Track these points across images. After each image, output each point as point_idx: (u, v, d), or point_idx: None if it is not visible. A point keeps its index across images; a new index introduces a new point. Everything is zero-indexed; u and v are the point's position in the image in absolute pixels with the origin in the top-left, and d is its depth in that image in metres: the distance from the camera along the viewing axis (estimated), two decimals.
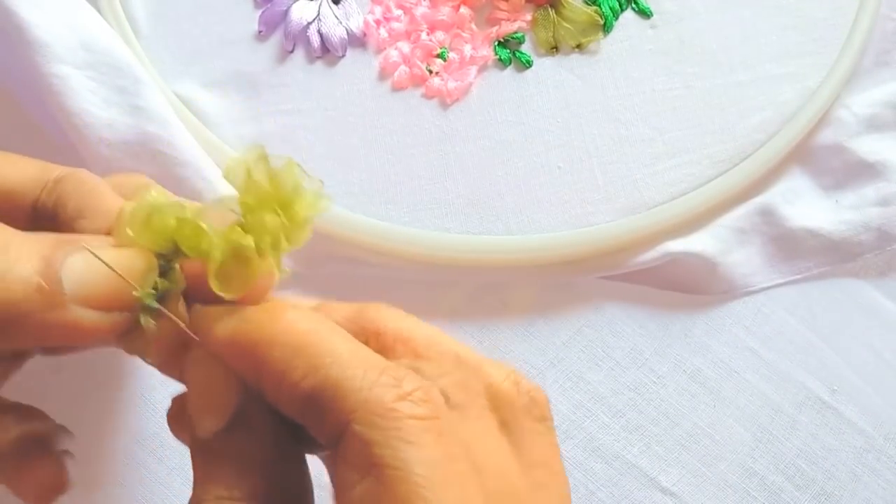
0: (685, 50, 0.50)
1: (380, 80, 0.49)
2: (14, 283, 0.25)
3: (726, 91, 0.49)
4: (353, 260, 0.46)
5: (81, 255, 0.26)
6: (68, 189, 0.30)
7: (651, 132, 0.48)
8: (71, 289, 0.26)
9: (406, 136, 0.48)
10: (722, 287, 0.47)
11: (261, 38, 0.50)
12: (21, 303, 0.25)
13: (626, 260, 0.46)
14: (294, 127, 0.48)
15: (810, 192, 0.48)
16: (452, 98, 0.49)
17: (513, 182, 0.47)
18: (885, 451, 0.44)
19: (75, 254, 0.26)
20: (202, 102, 0.48)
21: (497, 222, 0.47)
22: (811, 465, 0.44)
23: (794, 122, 0.48)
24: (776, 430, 0.44)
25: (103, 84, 0.44)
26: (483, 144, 0.48)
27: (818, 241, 0.47)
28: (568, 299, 0.46)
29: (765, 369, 0.45)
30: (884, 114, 0.49)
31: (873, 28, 0.50)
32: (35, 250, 0.26)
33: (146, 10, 0.50)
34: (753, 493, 0.43)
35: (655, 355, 0.45)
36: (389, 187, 0.47)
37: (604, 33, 0.50)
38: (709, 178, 0.47)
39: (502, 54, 0.50)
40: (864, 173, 0.48)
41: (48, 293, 0.25)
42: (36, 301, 0.25)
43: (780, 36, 0.50)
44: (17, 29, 0.43)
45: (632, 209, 0.47)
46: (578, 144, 0.48)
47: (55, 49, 0.43)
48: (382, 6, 0.51)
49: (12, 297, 0.25)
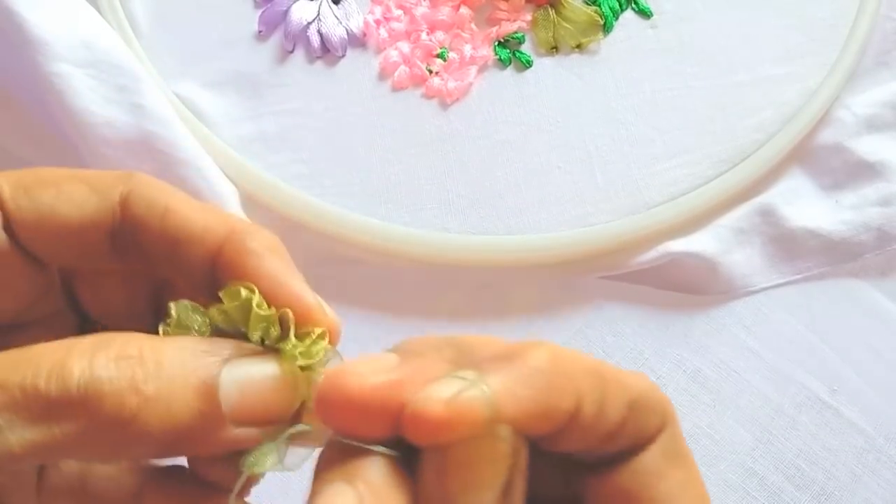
0: (685, 50, 0.50)
1: (380, 80, 0.49)
2: (177, 408, 0.25)
3: (726, 91, 0.49)
4: (354, 260, 0.46)
5: (233, 370, 0.26)
6: (141, 211, 0.29)
7: (651, 132, 0.48)
8: (230, 411, 0.26)
9: (406, 136, 0.48)
10: (722, 287, 0.47)
11: (261, 38, 0.50)
12: (185, 428, 0.25)
13: (626, 260, 0.46)
14: (294, 127, 0.48)
15: (810, 192, 0.48)
16: (452, 98, 0.49)
17: (513, 182, 0.47)
18: (885, 451, 0.44)
19: (231, 370, 0.26)
20: (202, 102, 0.48)
21: (497, 222, 0.46)
22: (811, 465, 0.44)
23: (794, 122, 0.48)
24: (776, 430, 0.44)
25: (104, 83, 0.44)
26: (483, 144, 0.48)
27: (818, 241, 0.47)
28: (568, 299, 0.46)
29: (765, 369, 0.45)
30: (884, 114, 0.49)
31: (873, 28, 0.50)
32: (190, 367, 0.25)
33: (146, 10, 0.50)
34: (753, 493, 0.43)
35: (655, 355, 0.45)
36: (389, 187, 0.47)
37: (604, 33, 0.50)
38: (709, 178, 0.47)
39: (502, 54, 0.50)
40: (864, 173, 0.48)
41: (210, 416, 0.25)
42: (198, 425, 0.25)
43: (780, 36, 0.50)
44: (17, 28, 0.43)
45: (632, 209, 0.47)
46: (578, 144, 0.48)
47: (55, 48, 0.43)
48: (382, 6, 0.51)
49: (177, 422, 0.25)
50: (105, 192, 0.29)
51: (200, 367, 0.26)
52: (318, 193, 0.47)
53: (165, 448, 0.26)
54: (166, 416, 0.25)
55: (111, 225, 0.29)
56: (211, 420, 0.25)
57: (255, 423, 0.26)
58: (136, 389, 0.24)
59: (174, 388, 0.25)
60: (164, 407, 0.25)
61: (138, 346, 0.25)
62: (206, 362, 0.26)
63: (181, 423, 0.25)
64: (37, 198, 0.28)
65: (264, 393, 0.26)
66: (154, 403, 0.25)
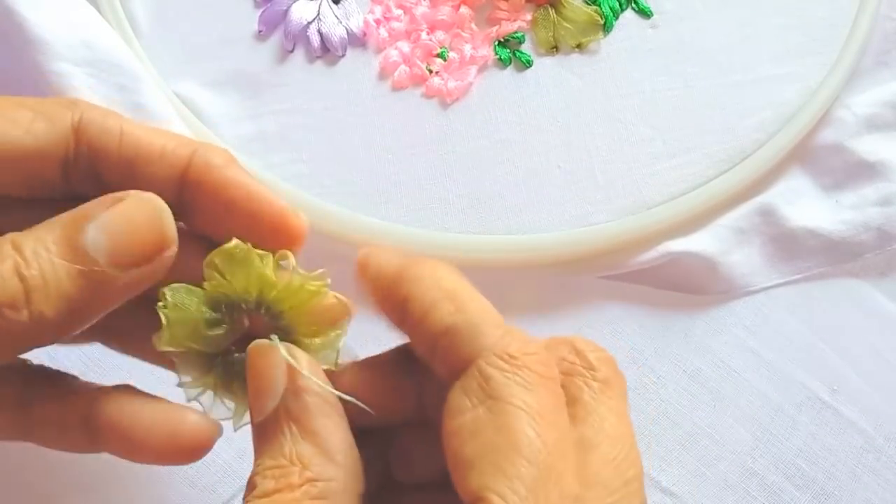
0: (685, 50, 0.50)
1: (380, 80, 0.49)
2: (59, 283, 0.26)
3: (726, 91, 0.49)
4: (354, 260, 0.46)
5: (96, 222, 0.27)
6: (95, 136, 0.29)
7: (651, 132, 0.48)
8: (106, 257, 0.27)
9: (406, 136, 0.48)
10: (722, 287, 0.47)
11: (261, 38, 0.50)
12: (75, 296, 0.26)
13: (626, 260, 0.46)
14: (294, 127, 0.48)
15: (810, 192, 0.48)
16: (452, 98, 0.49)
17: (513, 182, 0.47)
18: (885, 451, 0.44)
19: (94, 223, 0.27)
20: (202, 102, 0.48)
21: (497, 222, 0.46)
22: (811, 465, 0.44)
23: (794, 122, 0.48)
24: (776, 430, 0.44)
25: (104, 82, 0.44)
26: (483, 144, 0.48)
27: (818, 240, 0.47)
28: (568, 299, 0.46)
29: (765, 369, 0.45)
30: (884, 114, 0.49)
31: (873, 28, 0.50)
32: (58, 236, 0.27)
33: (146, 9, 0.50)
34: (753, 493, 0.43)
35: (655, 355, 0.45)
36: (389, 187, 0.47)
37: (604, 33, 0.50)
38: (709, 178, 0.47)
39: (502, 54, 0.50)
40: (864, 173, 0.48)
41: (90, 274, 0.26)
42: (85, 286, 0.26)
43: (780, 36, 0.50)
44: (17, 28, 0.43)
45: (632, 209, 0.47)
46: (578, 144, 0.48)
47: (56, 47, 0.43)
48: (382, 6, 0.51)
49: (63, 294, 0.26)
50: (54, 119, 0.29)
51: (65, 232, 0.27)
52: (318, 193, 0.47)
53: (68, 321, 0.27)
54: (51, 290, 0.26)
55: (65, 153, 0.29)
56: (93, 278, 0.26)
57: (138, 259, 0.27)
58: (21, 276, 0.26)
59: (49, 261, 0.26)
60: (46, 282, 0.26)
61: (11, 241, 0.26)
62: (67, 225, 0.27)
63: (66, 292, 0.26)
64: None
65: (132, 227, 0.27)
66: (35, 281, 0.26)
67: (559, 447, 0.26)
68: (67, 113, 0.29)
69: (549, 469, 0.25)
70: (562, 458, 0.25)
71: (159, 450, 0.30)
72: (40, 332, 0.27)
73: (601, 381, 0.29)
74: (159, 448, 0.30)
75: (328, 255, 0.46)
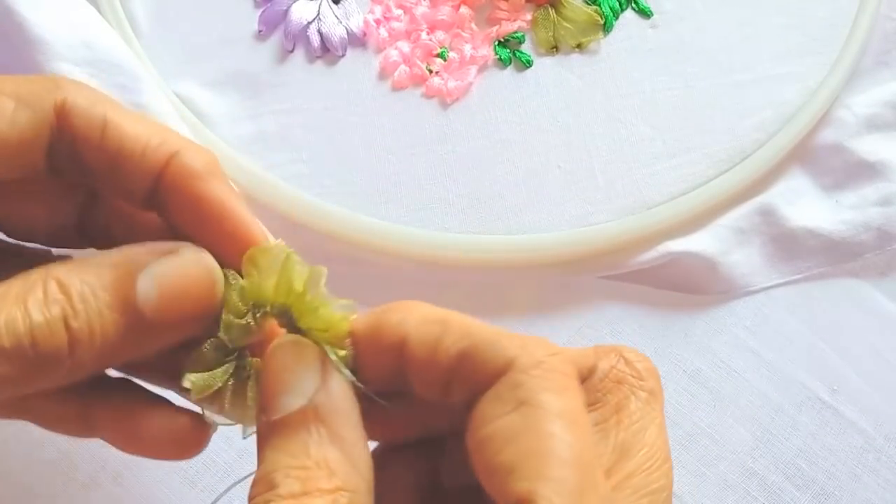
0: (685, 50, 0.50)
1: (380, 80, 0.49)
2: (103, 329, 0.26)
3: (726, 91, 0.49)
4: (354, 260, 0.46)
5: (149, 271, 0.27)
6: (79, 123, 0.29)
7: (651, 132, 0.48)
8: (153, 311, 0.27)
9: (406, 136, 0.48)
10: (722, 287, 0.47)
11: (261, 38, 0.50)
12: (115, 344, 0.26)
13: (626, 260, 0.46)
14: (294, 126, 0.48)
15: (810, 192, 0.48)
16: (452, 98, 0.49)
17: (513, 182, 0.47)
18: (885, 451, 0.44)
19: (147, 273, 0.27)
20: (202, 102, 0.48)
21: (497, 222, 0.46)
22: (811, 465, 0.44)
23: (794, 122, 0.48)
24: (776, 430, 0.44)
25: (104, 82, 0.44)
26: (483, 144, 0.48)
27: (818, 240, 0.47)
28: (568, 299, 0.46)
29: (765, 369, 0.45)
30: (884, 114, 0.49)
31: (873, 28, 0.50)
32: (107, 282, 0.26)
33: (146, 9, 0.50)
34: (753, 493, 0.43)
35: (655, 355, 0.45)
36: (389, 187, 0.47)
37: (604, 33, 0.50)
38: (709, 178, 0.47)
39: (502, 54, 0.50)
40: (864, 173, 0.48)
41: (135, 325, 0.26)
42: (127, 336, 0.26)
43: (780, 36, 0.50)
44: (17, 28, 0.43)
45: (632, 209, 0.47)
46: (578, 144, 0.48)
47: (56, 47, 0.43)
48: (382, 6, 0.51)
49: (105, 341, 0.26)
50: (37, 104, 0.28)
51: (116, 281, 0.26)
52: (318, 193, 0.47)
53: (100, 365, 0.27)
54: (96, 341, 0.26)
55: (48, 139, 0.29)
56: (137, 328, 0.26)
57: (184, 317, 0.27)
58: (68, 326, 0.25)
59: (98, 311, 0.26)
60: (92, 334, 0.26)
61: (57, 280, 0.26)
62: (119, 271, 0.27)
63: (109, 341, 0.26)
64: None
65: (184, 284, 0.27)
66: (82, 334, 0.26)
67: (591, 448, 0.26)
68: (50, 97, 0.29)
69: (586, 470, 0.25)
70: (595, 459, 0.26)
71: (155, 445, 0.30)
72: (72, 377, 0.26)
73: (648, 391, 0.29)
74: (155, 443, 0.30)
75: (328, 255, 0.46)
